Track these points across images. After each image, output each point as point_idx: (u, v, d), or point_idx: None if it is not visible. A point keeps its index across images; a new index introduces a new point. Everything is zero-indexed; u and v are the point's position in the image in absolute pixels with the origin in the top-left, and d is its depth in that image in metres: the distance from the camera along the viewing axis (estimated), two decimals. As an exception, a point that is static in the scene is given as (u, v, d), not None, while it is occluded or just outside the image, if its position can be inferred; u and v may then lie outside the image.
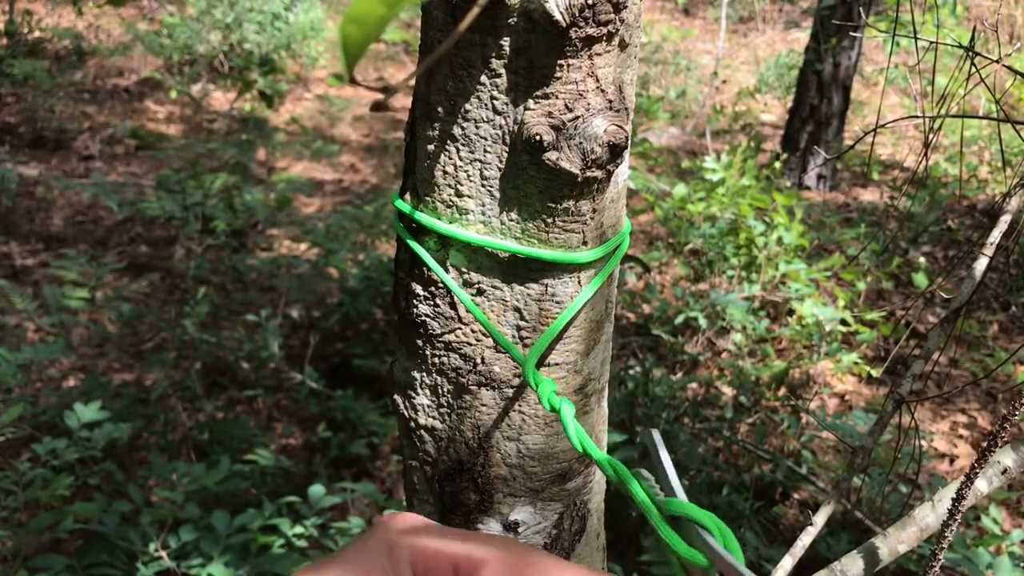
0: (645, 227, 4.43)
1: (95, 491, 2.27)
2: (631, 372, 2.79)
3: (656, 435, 0.49)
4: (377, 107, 0.39)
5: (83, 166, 5.18)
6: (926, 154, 1.01)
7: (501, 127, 0.54)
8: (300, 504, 2.09)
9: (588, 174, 0.53)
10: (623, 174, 0.60)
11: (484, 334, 0.60)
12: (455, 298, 0.59)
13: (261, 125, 5.44)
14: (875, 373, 3.18)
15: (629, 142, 0.54)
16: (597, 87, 0.53)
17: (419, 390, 0.64)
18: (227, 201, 3.92)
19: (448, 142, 0.55)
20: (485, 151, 0.55)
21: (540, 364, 0.61)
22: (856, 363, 3.13)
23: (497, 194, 0.56)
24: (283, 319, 3.35)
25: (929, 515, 0.81)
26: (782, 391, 2.94)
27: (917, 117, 0.98)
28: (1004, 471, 0.81)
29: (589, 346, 0.63)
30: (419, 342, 0.63)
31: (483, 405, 0.62)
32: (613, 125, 0.53)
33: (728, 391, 2.96)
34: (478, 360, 0.61)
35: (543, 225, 0.56)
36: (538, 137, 0.52)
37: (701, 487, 2.27)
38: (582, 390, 0.64)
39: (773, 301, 3.54)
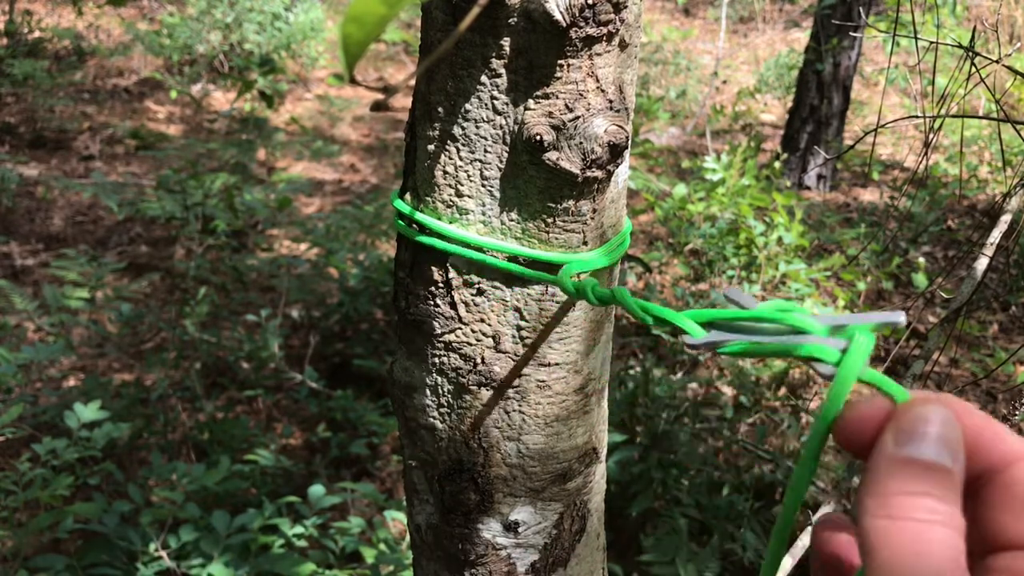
0: (645, 227, 4.42)
1: (95, 491, 2.27)
2: (631, 372, 2.79)
3: (735, 292, 0.46)
4: (377, 107, 0.39)
5: (83, 166, 5.18)
6: (926, 154, 1.01)
7: (501, 127, 0.54)
8: (300, 504, 2.09)
9: (588, 174, 0.53)
10: (623, 174, 0.60)
11: (484, 334, 0.60)
12: (455, 298, 0.59)
13: (261, 125, 5.43)
14: (875, 373, 3.18)
15: (629, 142, 0.54)
16: (597, 87, 0.53)
17: (419, 390, 0.64)
18: (227, 201, 3.91)
19: (448, 142, 0.55)
20: (485, 151, 0.55)
21: (539, 362, 0.61)
22: (856, 363, 3.12)
23: (497, 194, 0.56)
24: (283, 319, 3.35)
25: (929, 515, 0.80)
26: (782, 391, 2.94)
27: (917, 117, 0.98)
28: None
29: (589, 346, 0.63)
30: (419, 342, 0.63)
31: (483, 405, 0.62)
32: (613, 125, 0.53)
33: (728, 391, 2.96)
34: (478, 360, 0.61)
35: (543, 225, 0.56)
36: (538, 137, 0.52)
37: (701, 487, 2.27)
38: (582, 390, 0.64)
39: (773, 301, 3.54)
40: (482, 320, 0.60)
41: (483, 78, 0.52)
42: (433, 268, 0.59)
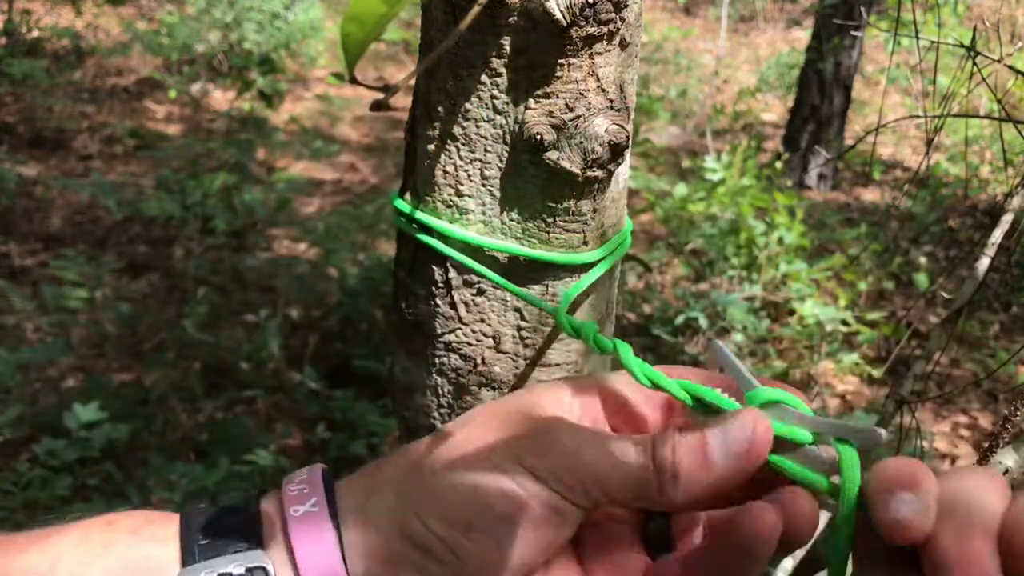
0: (646, 227, 4.42)
1: (94, 492, 2.27)
2: (631, 372, 2.78)
3: (722, 345, 0.49)
4: (377, 106, 0.38)
5: (82, 166, 5.17)
6: (928, 154, 1.01)
7: (502, 127, 0.53)
8: (300, 504, 2.08)
9: (589, 174, 0.53)
10: (624, 174, 0.60)
11: (484, 334, 0.60)
12: (455, 298, 0.59)
13: (261, 125, 5.43)
14: (876, 373, 3.18)
15: (630, 142, 0.54)
16: (598, 86, 0.52)
17: (419, 391, 0.64)
18: (227, 201, 3.91)
19: (448, 142, 0.55)
20: (485, 151, 0.54)
21: (539, 363, 0.61)
22: (857, 363, 3.13)
23: (497, 194, 0.55)
24: (283, 319, 3.35)
25: (931, 517, 0.80)
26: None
27: (919, 117, 0.97)
28: (1005, 472, 0.81)
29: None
30: (419, 342, 0.62)
31: (483, 406, 0.61)
32: (614, 124, 0.52)
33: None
34: (478, 360, 0.60)
35: (544, 225, 0.56)
36: (539, 136, 0.52)
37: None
38: (583, 391, 0.64)
39: (774, 301, 3.54)
40: (482, 320, 0.59)
41: (483, 77, 0.52)
42: (433, 267, 0.59)
